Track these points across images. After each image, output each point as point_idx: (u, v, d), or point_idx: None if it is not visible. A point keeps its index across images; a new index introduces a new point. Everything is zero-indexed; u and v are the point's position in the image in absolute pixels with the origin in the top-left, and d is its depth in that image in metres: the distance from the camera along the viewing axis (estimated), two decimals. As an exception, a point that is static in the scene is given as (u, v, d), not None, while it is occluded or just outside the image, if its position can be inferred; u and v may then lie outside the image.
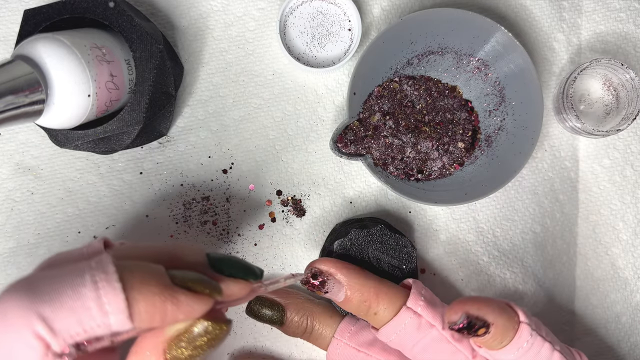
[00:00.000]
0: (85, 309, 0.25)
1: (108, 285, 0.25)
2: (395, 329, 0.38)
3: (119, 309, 0.25)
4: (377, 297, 0.38)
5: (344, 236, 0.42)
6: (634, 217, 0.48)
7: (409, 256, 0.42)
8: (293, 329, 0.42)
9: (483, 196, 0.42)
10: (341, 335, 0.41)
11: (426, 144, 0.45)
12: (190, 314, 0.28)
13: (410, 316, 0.38)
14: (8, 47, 0.45)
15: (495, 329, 0.34)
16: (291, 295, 0.44)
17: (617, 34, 0.48)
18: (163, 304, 0.26)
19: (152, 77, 0.38)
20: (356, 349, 0.41)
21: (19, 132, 0.45)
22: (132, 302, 0.25)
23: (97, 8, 0.37)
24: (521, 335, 0.35)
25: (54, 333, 0.24)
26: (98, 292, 0.25)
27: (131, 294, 0.25)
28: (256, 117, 0.47)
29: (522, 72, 0.43)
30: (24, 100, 0.30)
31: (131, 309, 0.25)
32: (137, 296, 0.26)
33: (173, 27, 0.46)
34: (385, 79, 0.46)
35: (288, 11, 0.45)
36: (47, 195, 0.45)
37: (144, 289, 0.26)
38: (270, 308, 0.42)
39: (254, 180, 0.46)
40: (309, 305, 0.43)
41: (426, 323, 0.38)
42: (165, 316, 0.27)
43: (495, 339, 0.35)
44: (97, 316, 0.25)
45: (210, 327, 0.29)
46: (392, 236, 0.42)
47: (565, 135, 0.48)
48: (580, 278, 0.48)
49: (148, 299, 0.26)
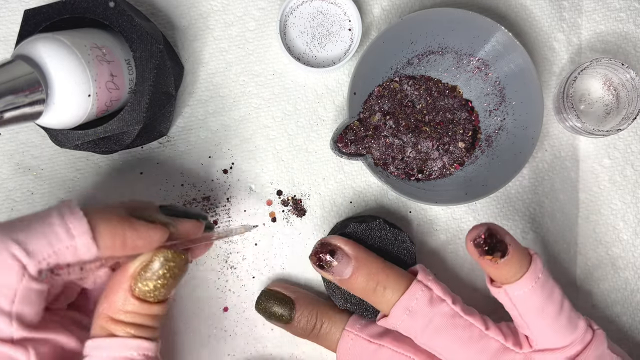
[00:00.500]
0: (54, 233, 0.29)
1: (72, 215, 0.30)
2: (408, 304, 0.37)
3: (82, 231, 0.29)
4: (385, 271, 0.38)
5: (343, 230, 0.42)
6: (634, 216, 0.48)
7: (408, 251, 0.42)
8: (301, 327, 0.42)
9: (483, 196, 0.42)
10: (351, 327, 0.41)
11: (426, 143, 0.45)
12: (149, 240, 0.32)
13: (422, 289, 0.38)
14: (8, 47, 0.45)
15: (512, 253, 0.34)
16: (299, 292, 0.43)
17: (618, 34, 0.48)
18: (122, 229, 0.31)
19: (152, 77, 0.38)
20: (368, 340, 0.40)
21: (19, 132, 0.45)
22: (94, 226, 0.30)
23: (97, 8, 0.37)
24: (537, 264, 0.35)
25: (29, 254, 0.28)
26: (63, 219, 0.29)
27: (93, 220, 0.30)
28: (256, 117, 0.47)
29: (522, 72, 0.43)
30: (24, 100, 0.30)
31: (94, 232, 0.30)
32: (99, 222, 0.30)
33: (173, 27, 0.46)
34: (385, 79, 0.46)
35: (288, 11, 0.45)
36: (47, 195, 0.45)
37: (105, 217, 0.31)
38: (280, 304, 0.42)
39: (254, 180, 0.46)
40: (317, 302, 0.43)
41: (437, 297, 0.38)
42: (125, 241, 0.31)
43: (512, 266, 0.35)
44: (64, 238, 0.29)
45: (170, 254, 0.33)
46: (391, 231, 0.42)
47: (565, 135, 0.48)
48: (580, 278, 0.48)
49: (108, 224, 0.30)
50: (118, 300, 0.32)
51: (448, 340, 0.37)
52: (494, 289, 0.37)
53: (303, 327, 0.42)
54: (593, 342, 0.37)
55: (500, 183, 0.42)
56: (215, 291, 0.46)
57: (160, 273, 0.32)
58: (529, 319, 0.36)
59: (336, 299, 0.42)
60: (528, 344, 0.38)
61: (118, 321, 0.32)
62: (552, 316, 0.36)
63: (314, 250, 0.40)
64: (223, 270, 0.46)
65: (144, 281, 0.32)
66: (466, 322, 0.37)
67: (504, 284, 0.36)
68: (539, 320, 0.36)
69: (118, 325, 0.32)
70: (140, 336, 0.32)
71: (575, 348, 0.37)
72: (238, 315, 0.46)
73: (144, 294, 0.32)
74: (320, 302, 0.43)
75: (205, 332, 0.45)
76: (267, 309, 0.43)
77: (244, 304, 0.46)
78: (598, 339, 0.38)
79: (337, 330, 0.41)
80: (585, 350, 0.37)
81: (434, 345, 0.38)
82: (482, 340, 0.37)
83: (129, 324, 0.32)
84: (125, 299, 0.32)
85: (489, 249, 0.34)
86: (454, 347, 0.37)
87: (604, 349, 0.38)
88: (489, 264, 0.35)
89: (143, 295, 0.32)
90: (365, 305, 0.42)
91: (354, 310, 0.42)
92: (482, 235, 0.34)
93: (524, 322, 0.36)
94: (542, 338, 0.37)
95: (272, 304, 0.42)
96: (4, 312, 0.28)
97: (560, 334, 0.36)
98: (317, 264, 0.39)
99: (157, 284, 0.32)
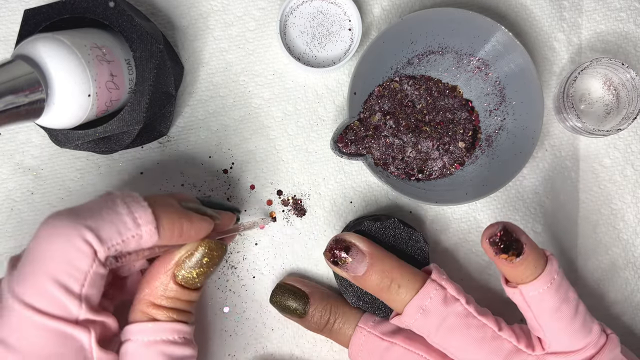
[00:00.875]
0: (123, 222, 0.31)
1: (137, 204, 0.32)
2: (422, 303, 0.37)
3: (148, 221, 0.31)
4: (399, 269, 0.38)
5: (357, 227, 0.42)
6: (634, 216, 0.48)
7: (422, 251, 0.42)
8: (315, 321, 0.42)
9: (483, 196, 0.42)
10: (364, 324, 0.41)
11: (427, 143, 0.45)
12: (200, 230, 0.35)
13: (436, 288, 0.38)
14: (8, 47, 0.45)
15: (528, 253, 0.34)
16: (314, 287, 0.43)
17: (618, 34, 0.48)
18: (180, 220, 0.33)
19: (152, 77, 0.38)
20: (380, 337, 0.40)
21: (19, 132, 0.45)
22: (157, 217, 0.32)
23: (97, 8, 0.37)
24: (552, 265, 0.35)
25: (101, 240, 0.30)
26: (130, 209, 0.31)
27: (156, 211, 0.32)
28: (256, 117, 0.47)
29: (522, 72, 0.43)
30: (24, 100, 0.30)
31: (157, 221, 0.32)
32: (161, 214, 0.32)
33: (173, 27, 0.46)
34: (385, 79, 0.46)
35: (288, 11, 0.45)
36: (47, 195, 0.45)
37: (166, 209, 0.33)
38: (295, 298, 0.42)
39: (255, 180, 0.46)
40: (331, 298, 0.43)
41: (451, 297, 0.38)
42: (182, 231, 0.33)
43: (528, 266, 0.34)
44: (132, 227, 0.31)
45: (213, 244, 0.36)
46: (405, 230, 0.42)
47: (565, 134, 0.48)
48: (580, 278, 0.48)
49: (169, 216, 0.33)
50: (160, 286, 0.35)
51: (461, 340, 0.37)
52: (509, 289, 0.37)
53: (317, 322, 0.42)
54: (607, 346, 0.37)
55: (500, 183, 0.42)
56: (215, 291, 0.46)
57: (203, 262, 0.35)
58: (542, 321, 0.36)
59: (349, 296, 0.42)
60: (541, 346, 0.37)
61: (160, 306, 0.35)
62: (566, 318, 0.36)
63: (329, 246, 0.39)
64: (223, 270, 0.46)
65: (188, 269, 0.35)
66: (479, 323, 0.37)
67: (519, 284, 0.36)
68: (553, 322, 0.36)
69: (160, 310, 0.35)
70: (180, 320, 0.35)
71: (589, 352, 0.36)
72: (238, 315, 0.46)
73: (187, 280, 0.35)
74: (334, 298, 0.43)
75: (205, 332, 0.45)
76: (281, 303, 0.43)
77: (244, 304, 0.46)
78: (612, 343, 0.38)
79: (350, 326, 0.41)
80: (599, 354, 0.37)
81: (446, 344, 0.38)
82: (495, 341, 0.37)
83: (171, 309, 0.35)
84: (168, 285, 0.35)
85: (504, 248, 0.34)
86: (466, 347, 0.37)
87: (617, 353, 0.38)
88: (504, 263, 0.34)
89: (185, 282, 0.35)
90: (378, 304, 0.42)
91: (366, 309, 0.42)
92: (497, 234, 0.34)
93: (537, 324, 0.36)
94: (555, 340, 0.36)
95: (287, 298, 0.42)
96: (75, 295, 0.30)
97: (574, 337, 0.36)
98: (332, 260, 0.39)
99: (200, 272, 0.35)
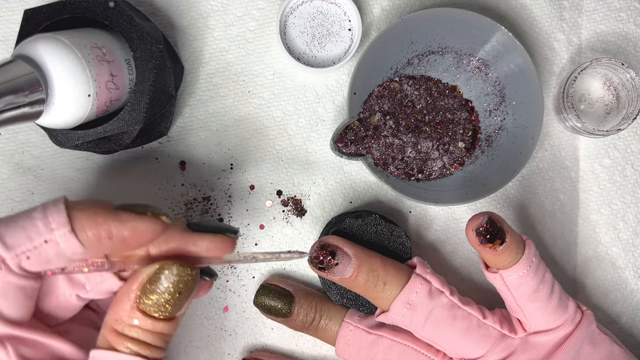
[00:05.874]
0: (34, 226, 0.28)
1: (54, 207, 0.28)
2: (408, 298, 0.38)
3: (60, 223, 0.27)
4: (384, 267, 0.39)
5: (339, 225, 0.42)
6: (634, 216, 0.48)
7: (403, 246, 0.42)
8: (300, 320, 0.42)
9: (483, 196, 0.42)
10: (350, 319, 0.41)
11: (426, 143, 0.45)
12: (138, 232, 0.29)
13: (421, 282, 0.38)
14: (8, 47, 0.45)
15: (510, 240, 0.36)
16: (297, 286, 0.44)
17: (618, 34, 0.48)
18: (106, 222, 0.28)
19: (152, 77, 0.38)
20: (367, 331, 0.41)
21: (19, 132, 0.45)
22: (74, 218, 0.28)
23: (97, 8, 0.37)
24: (530, 249, 0.37)
25: (6, 247, 0.27)
26: (45, 212, 0.28)
27: (73, 212, 0.28)
28: (256, 117, 0.47)
29: (522, 72, 0.43)
30: (24, 100, 0.30)
31: (73, 223, 0.28)
32: (78, 213, 0.28)
33: (173, 27, 0.46)
34: (385, 79, 0.46)
35: (288, 11, 0.45)
36: (47, 195, 0.45)
37: (87, 208, 0.28)
38: (279, 298, 0.42)
39: (254, 180, 0.46)
40: (315, 296, 0.43)
41: (436, 290, 0.38)
42: (111, 234, 0.28)
43: (510, 251, 0.36)
44: (43, 232, 0.27)
45: (175, 268, 0.30)
46: (387, 226, 0.42)
47: (565, 134, 0.48)
48: (580, 278, 0.48)
49: (90, 217, 0.28)
50: (123, 312, 0.30)
51: (448, 331, 0.38)
52: (490, 274, 0.38)
53: (302, 321, 0.42)
54: (583, 322, 0.39)
55: (500, 183, 0.43)
56: (215, 291, 0.46)
57: (165, 287, 0.29)
58: (522, 303, 0.38)
59: (332, 294, 0.43)
60: (522, 328, 0.39)
61: (121, 334, 0.30)
62: (544, 298, 0.37)
63: (314, 253, 0.39)
64: (223, 270, 0.46)
65: (149, 294, 0.29)
66: (464, 312, 0.38)
67: (500, 269, 0.37)
68: (532, 303, 0.37)
69: (120, 339, 0.29)
70: (141, 354, 0.30)
71: (567, 329, 0.38)
72: (238, 315, 0.46)
73: (148, 308, 0.30)
74: (318, 296, 0.43)
75: (205, 332, 0.45)
76: (265, 303, 0.43)
77: (244, 304, 0.46)
78: (587, 318, 0.40)
79: (336, 323, 0.42)
80: (576, 330, 0.39)
81: (434, 337, 0.38)
82: (481, 329, 0.38)
83: (131, 340, 0.30)
84: (131, 311, 0.30)
85: (490, 238, 0.36)
86: (454, 337, 0.38)
87: (594, 328, 0.40)
88: (488, 251, 0.36)
89: (147, 310, 0.30)
90: (362, 301, 0.42)
91: (350, 306, 0.43)
92: (484, 225, 0.36)
93: (517, 305, 0.38)
94: (535, 321, 0.38)
95: (271, 298, 0.42)
96: None
97: (552, 315, 0.38)
98: (318, 266, 0.39)
99: (162, 299, 0.30)
